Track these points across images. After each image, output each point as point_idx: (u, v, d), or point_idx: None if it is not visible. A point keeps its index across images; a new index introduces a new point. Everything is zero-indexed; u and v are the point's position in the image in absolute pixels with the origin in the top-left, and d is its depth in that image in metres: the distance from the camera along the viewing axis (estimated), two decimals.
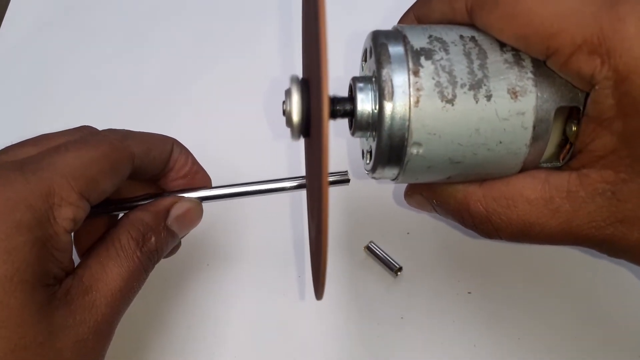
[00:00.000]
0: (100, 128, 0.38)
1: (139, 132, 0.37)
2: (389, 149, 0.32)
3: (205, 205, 0.40)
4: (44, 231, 0.30)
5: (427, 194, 0.38)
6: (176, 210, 0.38)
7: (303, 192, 0.48)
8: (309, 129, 0.32)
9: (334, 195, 0.51)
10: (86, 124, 0.38)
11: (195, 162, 0.40)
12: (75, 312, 0.31)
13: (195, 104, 0.58)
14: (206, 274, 0.49)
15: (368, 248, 0.49)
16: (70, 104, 0.59)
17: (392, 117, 0.31)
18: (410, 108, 0.31)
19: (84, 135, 0.35)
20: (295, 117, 0.31)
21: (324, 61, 0.27)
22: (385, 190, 0.52)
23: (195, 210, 0.39)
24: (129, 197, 0.39)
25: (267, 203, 0.52)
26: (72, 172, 0.31)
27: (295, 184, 0.39)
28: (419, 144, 0.32)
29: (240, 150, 0.55)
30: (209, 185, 0.41)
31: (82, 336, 0.31)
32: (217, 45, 0.62)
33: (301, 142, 0.36)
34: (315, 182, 0.30)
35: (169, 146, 0.39)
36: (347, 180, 0.39)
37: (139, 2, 0.65)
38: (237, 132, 0.56)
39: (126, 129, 0.37)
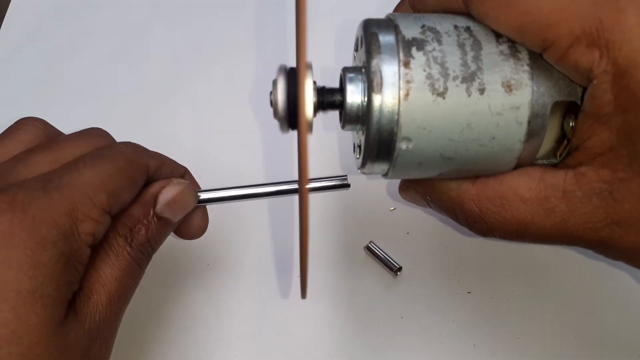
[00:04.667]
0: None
1: (154, 151, 0.37)
2: (378, 143, 0.31)
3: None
4: (69, 246, 0.30)
5: (420, 189, 0.37)
6: (165, 196, 0.36)
7: None
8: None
9: (333, 195, 0.51)
10: (94, 126, 0.38)
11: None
12: (83, 323, 0.31)
13: (196, 104, 0.58)
14: (206, 274, 0.49)
15: (368, 248, 0.48)
16: (70, 104, 0.59)
17: (381, 111, 0.30)
18: (399, 101, 0.30)
19: (100, 149, 0.35)
20: (281, 107, 0.30)
21: (302, 43, 0.26)
22: (385, 190, 0.51)
23: (186, 192, 0.37)
24: None
25: (268, 202, 0.51)
26: (93, 188, 0.31)
27: (295, 187, 0.38)
28: (408, 139, 0.31)
29: (241, 151, 0.54)
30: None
31: (88, 346, 0.31)
32: (217, 44, 0.61)
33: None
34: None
35: (182, 170, 0.39)
36: (347, 186, 0.38)
37: (138, 3, 0.65)
38: (237, 133, 0.55)
39: (140, 144, 0.37)
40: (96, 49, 0.62)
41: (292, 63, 0.29)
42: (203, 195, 0.38)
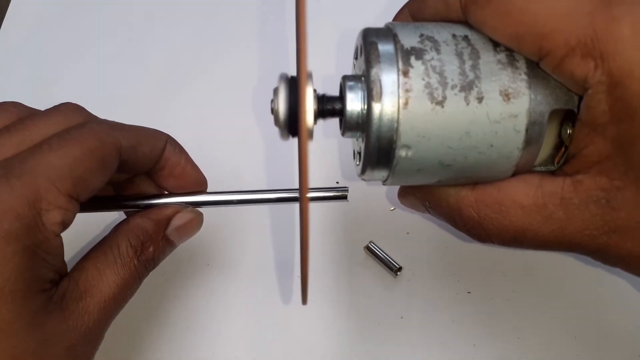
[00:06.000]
0: None
1: (130, 125, 0.36)
2: (378, 150, 0.31)
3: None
4: (34, 238, 0.29)
5: (420, 195, 0.37)
6: (177, 221, 0.37)
7: None
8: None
9: None
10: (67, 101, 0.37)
11: (190, 161, 0.39)
12: (68, 318, 0.31)
13: (196, 105, 0.58)
14: (206, 274, 0.49)
15: (368, 248, 0.48)
16: None
17: (380, 119, 0.30)
18: (399, 109, 0.30)
19: (68, 128, 0.33)
20: (282, 115, 0.31)
21: (303, 52, 0.26)
22: (385, 190, 0.51)
23: (196, 221, 0.39)
24: (123, 194, 0.39)
25: None
26: (58, 173, 0.30)
27: (295, 195, 0.39)
28: (407, 147, 0.31)
29: (241, 152, 0.54)
30: (204, 186, 0.40)
31: (73, 342, 0.31)
32: (216, 45, 0.61)
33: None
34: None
35: (162, 143, 0.37)
36: (344, 197, 0.38)
37: (138, 3, 0.65)
38: (237, 133, 0.55)
39: (116, 121, 0.36)
40: (96, 49, 0.62)
41: (294, 64, 0.29)
42: (204, 198, 0.39)
